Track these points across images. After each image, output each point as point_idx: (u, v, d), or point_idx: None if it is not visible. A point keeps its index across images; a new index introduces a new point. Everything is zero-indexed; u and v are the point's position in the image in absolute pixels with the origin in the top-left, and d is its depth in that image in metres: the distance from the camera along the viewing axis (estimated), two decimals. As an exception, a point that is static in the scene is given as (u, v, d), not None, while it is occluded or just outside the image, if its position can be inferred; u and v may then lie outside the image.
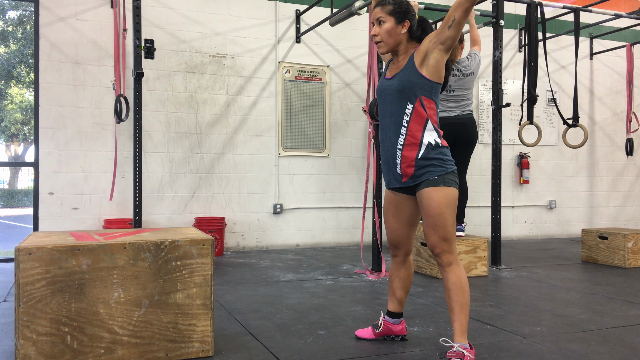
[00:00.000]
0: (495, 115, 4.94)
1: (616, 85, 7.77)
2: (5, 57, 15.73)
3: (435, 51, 2.34)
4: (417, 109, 2.39)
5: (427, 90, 2.39)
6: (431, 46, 2.34)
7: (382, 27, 2.43)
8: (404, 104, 2.40)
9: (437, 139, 2.40)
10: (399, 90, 2.40)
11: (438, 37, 2.33)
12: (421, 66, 2.37)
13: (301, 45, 6.23)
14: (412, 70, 2.39)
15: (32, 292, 2.17)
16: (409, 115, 2.39)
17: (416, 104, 2.39)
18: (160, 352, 2.34)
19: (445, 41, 2.32)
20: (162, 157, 5.68)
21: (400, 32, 2.43)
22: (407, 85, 2.38)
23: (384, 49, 2.47)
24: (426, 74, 2.37)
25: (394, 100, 2.43)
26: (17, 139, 19.45)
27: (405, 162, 2.41)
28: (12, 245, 8.16)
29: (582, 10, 5.55)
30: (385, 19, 2.43)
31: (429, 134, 2.39)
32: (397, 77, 2.43)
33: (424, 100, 2.39)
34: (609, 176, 7.77)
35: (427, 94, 2.40)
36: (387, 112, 2.48)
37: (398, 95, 2.41)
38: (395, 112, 2.43)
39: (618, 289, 3.99)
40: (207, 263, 2.43)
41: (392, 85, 2.44)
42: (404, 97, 2.40)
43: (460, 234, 4.65)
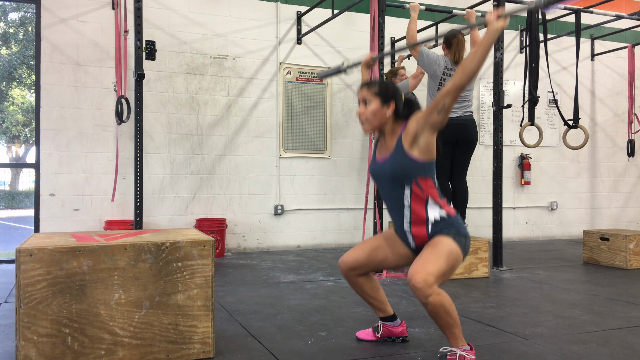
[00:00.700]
0: (497, 116, 4.94)
1: (617, 87, 7.77)
2: (7, 59, 15.75)
3: (424, 133, 2.33)
4: (415, 191, 2.38)
5: (422, 171, 2.37)
6: (419, 128, 2.33)
7: (367, 108, 2.43)
8: (401, 188, 2.40)
9: (442, 211, 2.38)
10: (392, 176, 2.39)
11: (426, 120, 2.31)
12: (411, 148, 2.35)
13: (302, 46, 6.23)
14: (402, 154, 2.37)
15: (33, 294, 2.17)
16: (409, 198, 2.39)
17: (413, 187, 2.38)
18: (161, 353, 2.34)
19: (434, 124, 2.31)
20: (163, 159, 5.68)
21: (385, 113, 2.42)
22: (400, 171, 2.37)
23: (368, 128, 2.46)
24: (418, 156, 2.35)
25: (390, 185, 2.43)
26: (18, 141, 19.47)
27: (418, 238, 2.42)
28: (13, 246, 8.17)
29: (583, 12, 5.55)
30: (370, 99, 2.42)
31: (432, 210, 2.38)
32: (389, 163, 2.41)
33: (420, 181, 2.38)
34: (610, 177, 7.76)
35: (421, 174, 2.37)
36: (385, 194, 2.48)
37: (392, 180, 2.40)
38: (394, 196, 2.43)
39: (619, 290, 3.98)
40: (208, 264, 2.42)
41: (384, 170, 2.43)
42: (399, 182, 2.39)
43: None
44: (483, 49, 2.19)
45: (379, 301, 2.65)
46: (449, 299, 2.22)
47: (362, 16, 6.32)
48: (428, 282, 2.16)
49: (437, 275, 2.20)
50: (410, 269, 2.23)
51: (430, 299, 2.16)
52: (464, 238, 2.36)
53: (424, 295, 2.16)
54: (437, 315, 2.21)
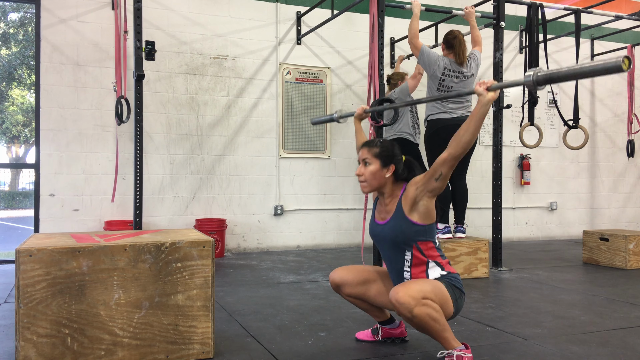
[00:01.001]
0: (496, 116, 4.94)
1: (617, 87, 7.77)
2: (7, 59, 15.75)
3: (424, 199, 2.35)
4: (416, 255, 2.39)
5: (422, 235, 2.38)
6: (419, 194, 2.35)
7: (367, 169, 2.44)
8: (402, 252, 2.41)
9: (442, 272, 2.38)
10: (393, 240, 2.41)
11: (425, 187, 2.33)
12: (411, 213, 2.37)
13: (302, 46, 6.23)
14: (402, 219, 2.38)
15: (33, 294, 2.17)
16: (410, 262, 2.40)
17: (414, 251, 2.39)
18: (161, 354, 2.34)
19: (433, 190, 2.34)
20: (162, 159, 5.68)
21: (384, 175, 2.43)
22: (401, 236, 2.38)
23: (367, 189, 2.47)
24: (418, 220, 2.36)
25: (390, 248, 2.44)
26: (18, 141, 19.46)
27: None
28: (13, 246, 8.16)
29: (583, 12, 5.55)
30: (370, 160, 2.44)
31: (433, 272, 2.39)
32: (389, 227, 2.42)
33: (421, 245, 2.39)
34: (610, 178, 7.76)
35: (422, 238, 2.38)
36: (385, 256, 2.50)
37: (393, 244, 2.42)
38: (394, 259, 2.44)
39: (619, 290, 3.98)
40: (208, 265, 2.42)
41: (384, 233, 2.44)
42: (399, 246, 2.40)
43: (461, 235, 4.65)
44: (476, 121, 2.24)
45: (375, 308, 2.65)
46: (435, 305, 2.21)
47: (362, 16, 6.32)
48: (412, 296, 2.16)
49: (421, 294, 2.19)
50: (392, 290, 2.23)
51: (415, 311, 2.15)
52: (458, 291, 2.36)
53: (408, 309, 2.15)
54: (426, 325, 2.20)
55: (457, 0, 6.76)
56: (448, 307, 2.29)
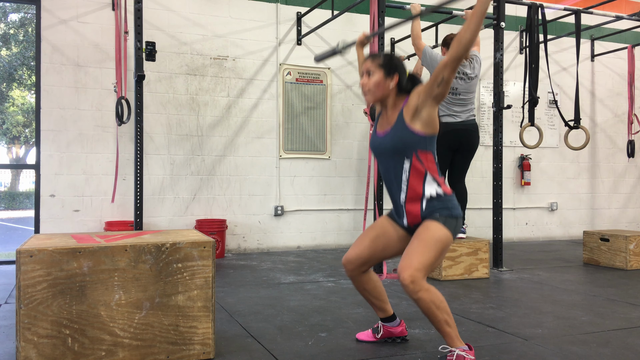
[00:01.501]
0: (497, 117, 4.94)
1: (617, 87, 7.77)
2: (7, 60, 15.76)
3: (426, 107, 2.34)
4: (415, 164, 2.39)
5: (422, 145, 2.38)
6: (421, 103, 2.34)
7: (371, 79, 2.44)
8: (401, 161, 2.40)
9: (438, 189, 2.39)
10: (393, 149, 2.40)
11: (427, 94, 2.32)
12: (412, 121, 2.36)
13: (302, 47, 6.24)
14: (403, 128, 2.38)
15: (33, 295, 2.17)
16: (408, 172, 2.40)
17: (413, 160, 2.38)
18: (161, 354, 2.34)
19: (436, 97, 2.32)
20: (163, 159, 5.69)
21: (388, 86, 2.43)
22: (401, 145, 2.38)
23: (371, 99, 2.47)
24: (419, 129, 2.36)
25: (390, 158, 2.43)
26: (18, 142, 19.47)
27: (411, 215, 2.43)
28: (13, 247, 8.16)
29: (583, 12, 5.55)
30: (374, 71, 2.43)
31: (429, 186, 2.39)
32: (390, 136, 2.42)
33: (420, 155, 2.38)
34: (610, 178, 7.76)
35: (422, 148, 2.38)
36: (385, 168, 2.49)
37: (393, 154, 2.41)
38: (393, 169, 2.44)
39: (620, 291, 3.98)
40: (208, 265, 2.43)
41: (385, 143, 2.44)
42: (399, 155, 2.40)
43: (462, 235, 4.64)
44: (476, 18, 2.20)
45: (381, 301, 2.65)
46: (439, 295, 2.25)
47: (362, 17, 6.33)
48: (415, 279, 2.20)
49: (424, 269, 2.24)
50: (399, 264, 2.27)
51: (419, 295, 2.20)
52: (454, 220, 2.38)
53: (413, 291, 2.20)
54: (429, 311, 2.23)
55: (458, 1, 6.75)
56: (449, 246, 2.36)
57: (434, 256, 2.28)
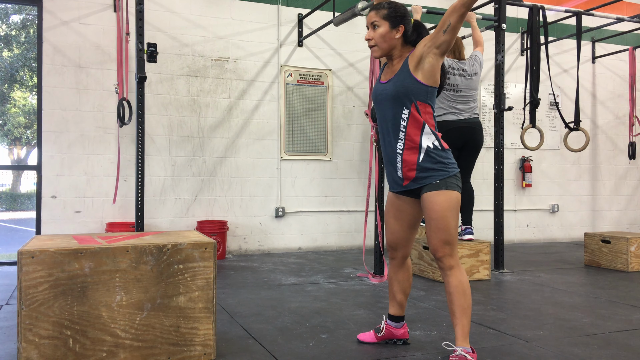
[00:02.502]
0: (498, 118, 4.94)
1: (618, 89, 7.77)
2: (9, 61, 15.78)
3: (430, 55, 2.34)
4: (413, 113, 2.39)
5: (422, 95, 2.38)
6: (426, 50, 2.34)
7: (376, 32, 2.42)
8: (400, 109, 2.40)
9: (436, 141, 2.39)
10: (394, 95, 2.40)
11: (433, 42, 2.32)
12: (416, 70, 2.36)
13: (303, 49, 6.24)
14: (406, 75, 2.38)
15: (35, 295, 2.17)
16: (406, 120, 2.39)
17: (412, 108, 2.38)
18: (163, 355, 2.34)
19: (440, 45, 2.31)
20: (164, 161, 5.69)
21: (394, 37, 2.42)
22: (402, 91, 2.38)
23: (378, 53, 2.46)
24: (421, 79, 2.36)
25: (390, 105, 2.43)
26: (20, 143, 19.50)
27: (407, 166, 2.41)
28: (15, 248, 8.17)
29: (584, 14, 5.55)
30: (379, 23, 2.42)
31: (427, 137, 2.39)
32: (392, 82, 2.42)
33: (420, 105, 2.39)
34: (612, 180, 7.76)
35: (422, 99, 2.39)
36: (384, 117, 2.48)
37: (393, 100, 2.41)
38: (392, 117, 2.43)
39: (621, 292, 3.98)
40: (210, 266, 2.43)
41: (387, 90, 2.44)
42: (399, 102, 2.40)
43: (470, 237, 4.61)
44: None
45: (403, 296, 2.66)
46: (467, 282, 2.37)
47: (363, 19, 6.33)
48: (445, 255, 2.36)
49: (450, 242, 2.36)
50: (429, 244, 2.40)
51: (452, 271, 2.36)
52: (454, 178, 2.40)
53: (449, 266, 2.36)
54: (455, 290, 2.32)
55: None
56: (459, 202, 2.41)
57: (452, 225, 2.36)
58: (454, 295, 2.32)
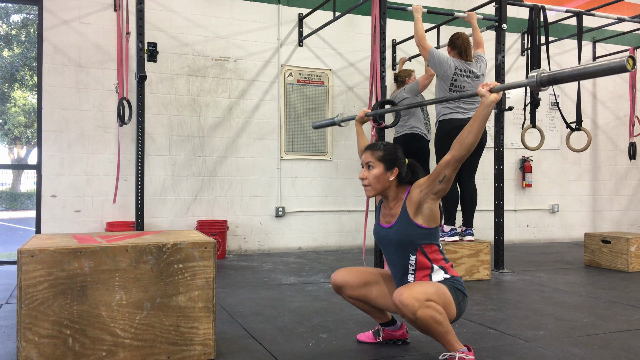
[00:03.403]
0: (498, 119, 4.94)
1: (619, 89, 7.76)
2: (9, 60, 15.78)
3: (428, 201, 2.36)
4: (420, 259, 2.39)
5: (427, 238, 2.39)
6: (423, 197, 2.36)
7: (371, 172, 2.44)
8: (407, 255, 2.41)
9: (446, 275, 2.39)
10: (398, 243, 2.41)
11: (429, 189, 2.34)
12: (416, 216, 2.38)
13: (304, 48, 6.24)
14: (407, 222, 2.39)
15: (34, 295, 2.17)
16: (414, 266, 2.41)
17: (418, 254, 2.39)
18: (162, 355, 2.34)
19: (437, 192, 2.34)
20: (164, 160, 5.69)
21: (388, 179, 2.43)
22: (406, 239, 2.39)
23: (371, 193, 2.47)
24: (422, 223, 2.37)
25: (395, 252, 2.44)
26: (20, 142, 19.50)
27: None
28: (15, 247, 8.17)
29: (585, 14, 5.55)
30: (374, 164, 2.43)
31: (436, 275, 2.39)
32: (394, 230, 2.42)
33: (425, 248, 2.39)
34: (612, 180, 7.76)
35: (427, 241, 2.39)
36: (390, 261, 2.50)
37: (398, 247, 2.42)
38: (398, 263, 2.45)
39: (621, 293, 3.98)
40: (209, 266, 2.42)
41: (389, 236, 2.45)
42: (404, 249, 2.41)
43: (470, 238, 4.61)
44: (479, 122, 2.23)
45: (376, 310, 2.65)
46: (439, 308, 2.20)
47: (364, 18, 6.33)
48: (415, 298, 2.16)
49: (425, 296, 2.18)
50: (396, 292, 2.22)
51: (419, 313, 2.15)
52: (461, 294, 2.36)
53: (412, 311, 2.15)
54: (429, 328, 2.20)
55: (459, 3, 6.76)
56: (451, 309, 2.29)
57: (434, 295, 2.21)
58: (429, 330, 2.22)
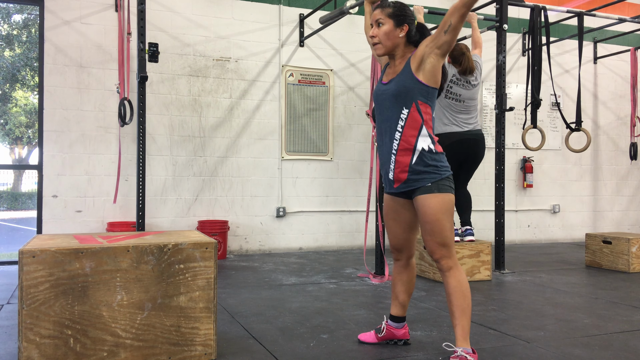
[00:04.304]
0: (499, 119, 4.93)
1: (620, 90, 7.76)
2: (10, 61, 15.80)
3: (431, 56, 2.35)
4: (413, 113, 2.39)
5: (424, 95, 2.39)
6: (427, 51, 2.35)
7: (381, 29, 2.43)
8: (400, 108, 2.40)
9: (431, 145, 2.39)
10: (395, 95, 2.41)
11: (434, 42, 2.33)
12: (417, 71, 2.37)
13: (305, 49, 6.24)
14: (408, 75, 2.39)
15: (36, 295, 2.17)
16: (404, 120, 2.40)
17: (412, 108, 2.39)
18: (163, 355, 2.34)
19: (442, 46, 2.32)
20: (165, 160, 5.69)
21: (398, 35, 2.43)
22: (404, 90, 2.39)
23: (381, 50, 2.46)
24: (422, 79, 2.37)
25: (390, 105, 2.43)
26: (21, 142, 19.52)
27: (399, 167, 2.42)
28: (16, 247, 8.18)
29: (586, 15, 5.55)
30: (384, 21, 2.43)
31: (423, 139, 2.39)
32: (394, 82, 2.43)
33: (420, 105, 2.39)
34: (613, 180, 7.75)
35: (423, 99, 2.39)
36: (383, 117, 2.49)
37: (394, 100, 2.41)
38: (390, 117, 2.44)
39: (622, 293, 3.98)
40: (210, 266, 2.43)
41: (388, 89, 2.45)
42: (400, 101, 2.40)
43: (471, 238, 4.59)
44: None
45: (404, 299, 2.66)
46: (467, 283, 2.37)
47: (363, 19, 6.32)
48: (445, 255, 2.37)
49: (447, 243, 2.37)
50: (426, 247, 2.42)
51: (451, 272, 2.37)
52: (446, 180, 2.40)
53: (447, 267, 2.37)
54: (454, 293, 2.33)
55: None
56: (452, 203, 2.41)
57: (447, 227, 2.36)
58: (453, 296, 2.32)
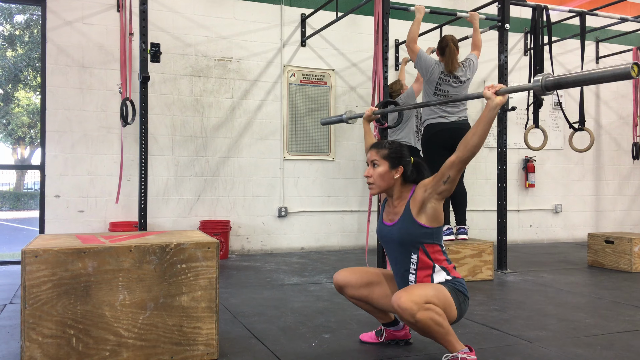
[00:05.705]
0: (501, 119, 4.93)
1: (622, 89, 7.75)
2: (13, 61, 15.82)
3: (432, 201, 2.36)
4: (422, 258, 2.39)
5: (429, 237, 2.39)
6: (427, 196, 2.36)
7: (376, 170, 2.45)
8: (408, 254, 2.41)
9: (447, 276, 2.39)
10: (400, 242, 2.41)
11: (434, 189, 2.34)
12: (419, 215, 2.38)
13: (306, 49, 6.24)
14: (410, 221, 2.39)
15: (38, 295, 2.18)
16: (415, 264, 2.40)
17: (420, 253, 2.39)
18: (165, 354, 2.35)
19: (442, 192, 2.34)
20: (167, 161, 5.70)
21: (393, 177, 2.44)
22: (408, 238, 2.39)
23: (376, 190, 2.48)
24: (425, 223, 2.37)
25: (397, 250, 2.44)
26: (23, 142, 19.55)
27: None
28: (19, 247, 8.19)
29: (588, 14, 5.54)
30: (379, 162, 2.44)
31: (438, 276, 2.39)
32: (397, 228, 2.42)
33: (427, 248, 2.39)
34: (615, 180, 7.74)
35: (429, 241, 2.39)
36: (392, 259, 2.50)
37: (400, 247, 2.42)
38: (400, 261, 2.45)
39: (624, 293, 3.97)
40: (212, 266, 2.43)
41: (392, 234, 2.45)
42: (406, 248, 2.41)
43: (464, 236, 4.62)
44: (484, 124, 2.23)
45: (378, 310, 2.65)
46: (438, 309, 2.20)
47: (367, 18, 6.33)
48: (414, 301, 2.16)
49: (424, 299, 2.18)
50: (394, 295, 2.23)
51: (418, 316, 2.15)
52: (462, 295, 2.35)
53: (411, 314, 2.15)
54: (429, 330, 2.20)
55: (462, 3, 6.76)
56: (451, 311, 2.28)
57: (434, 297, 2.21)
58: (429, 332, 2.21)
